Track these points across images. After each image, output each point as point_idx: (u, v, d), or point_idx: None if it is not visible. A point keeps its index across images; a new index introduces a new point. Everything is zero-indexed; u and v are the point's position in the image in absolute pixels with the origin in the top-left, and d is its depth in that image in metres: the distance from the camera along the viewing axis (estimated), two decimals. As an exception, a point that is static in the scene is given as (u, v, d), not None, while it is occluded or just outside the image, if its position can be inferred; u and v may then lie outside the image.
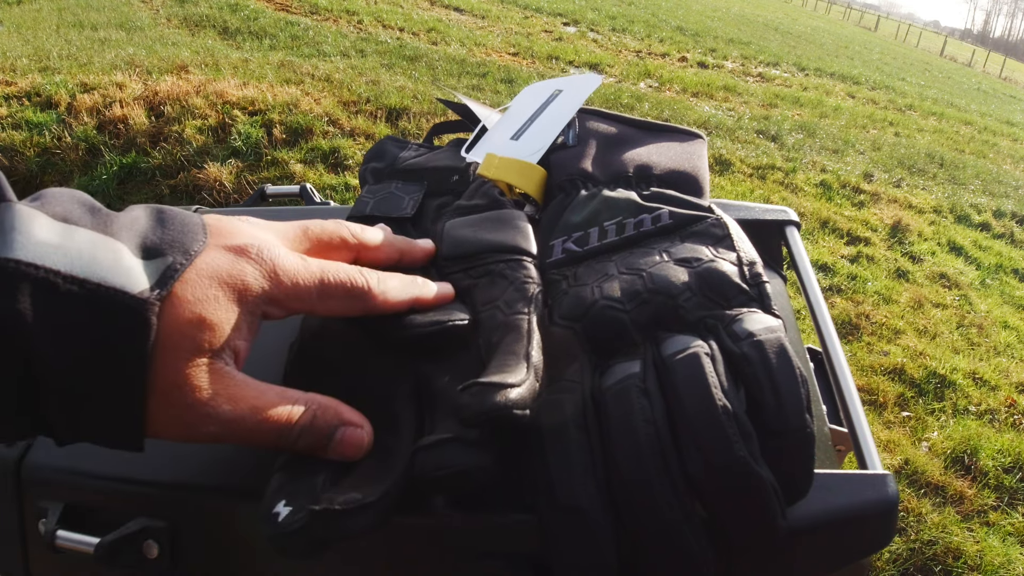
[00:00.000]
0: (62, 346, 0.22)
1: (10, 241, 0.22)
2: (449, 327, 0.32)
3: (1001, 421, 1.99)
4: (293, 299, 0.27)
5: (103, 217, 0.25)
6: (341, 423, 0.27)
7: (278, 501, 0.25)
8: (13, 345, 0.21)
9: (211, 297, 0.25)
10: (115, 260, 0.23)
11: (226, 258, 0.26)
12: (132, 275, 0.23)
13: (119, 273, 0.23)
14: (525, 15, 7.31)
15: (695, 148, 0.48)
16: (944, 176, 4.39)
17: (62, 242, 0.23)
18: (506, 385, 0.27)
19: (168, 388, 0.24)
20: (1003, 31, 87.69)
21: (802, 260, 0.50)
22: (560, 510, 0.27)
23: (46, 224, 0.23)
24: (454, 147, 0.54)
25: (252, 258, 0.26)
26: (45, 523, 0.32)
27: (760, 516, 0.26)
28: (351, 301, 0.29)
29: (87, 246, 0.23)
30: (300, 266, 0.27)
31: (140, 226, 0.25)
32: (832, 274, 2.67)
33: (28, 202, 0.24)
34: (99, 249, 0.23)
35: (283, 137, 2.83)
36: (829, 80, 7.36)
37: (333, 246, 0.31)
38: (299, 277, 0.27)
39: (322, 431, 0.27)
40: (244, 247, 0.26)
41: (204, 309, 0.24)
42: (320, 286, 0.28)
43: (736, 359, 0.29)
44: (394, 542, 0.31)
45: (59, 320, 0.22)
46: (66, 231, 0.23)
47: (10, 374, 0.22)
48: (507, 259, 0.36)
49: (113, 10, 4.80)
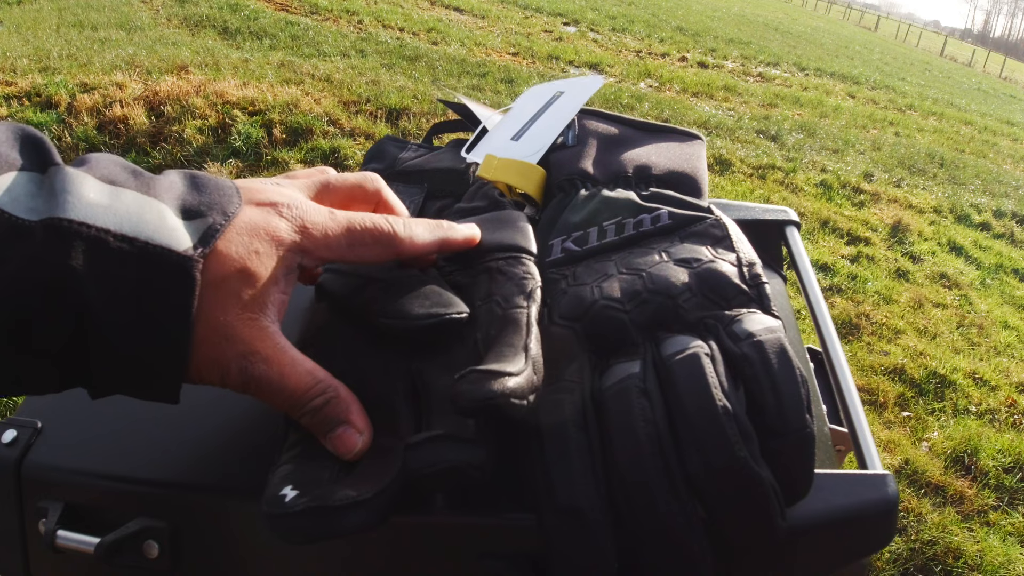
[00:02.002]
0: (112, 300, 0.23)
1: (63, 202, 0.23)
2: (447, 320, 0.32)
3: (1001, 421, 1.99)
4: (323, 248, 0.29)
5: (145, 180, 0.27)
6: (345, 422, 0.28)
7: (285, 486, 0.26)
8: (66, 300, 0.23)
9: (251, 251, 0.26)
10: (160, 220, 0.25)
11: (260, 214, 0.28)
12: (176, 234, 0.25)
13: (164, 232, 0.25)
14: (525, 15, 7.31)
15: (694, 149, 0.48)
16: (944, 176, 4.39)
17: (111, 203, 0.24)
18: (504, 373, 0.27)
19: (213, 340, 0.25)
20: (1003, 31, 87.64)
21: (802, 260, 0.50)
22: (560, 510, 0.27)
23: (95, 186, 0.25)
24: (454, 148, 0.54)
25: (283, 214, 0.28)
26: (45, 523, 0.32)
27: (760, 517, 0.26)
28: (379, 247, 0.31)
29: (134, 206, 0.25)
30: (328, 217, 0.29)
31: (178, 189, 0.27)
32: (832, 274, 2.67)
33: (75, 166, 0.25)
34: (145, 210, 0.25)
35: (283, 137, 2.83)
36: (829, 80, 7.36)
37: (355, 197, 0.33)
38: (327, 228, 0.29)
39: (326, 420, 0.28)
40: (275, 203, 0.28)
41: (247, 262, 0.26)
42: (348, 234, 0.29)
43: (736, 359, 0.29)
44: (394, 542, 0.31)
45: (110, 275, 0.23)
46: (113, 192, 0.25)
47: (62, 327, 0.23)
48: (506, 256, 0.36)
49: (113, 10, 4.80)
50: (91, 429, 0.36)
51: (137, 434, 0.35)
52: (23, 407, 0.37)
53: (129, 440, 0.35)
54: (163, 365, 0.25)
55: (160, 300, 0.24)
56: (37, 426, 0.35)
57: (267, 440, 0.32)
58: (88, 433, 0.35)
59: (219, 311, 0.25)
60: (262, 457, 0.31)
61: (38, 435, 0.35)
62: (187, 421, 0.35)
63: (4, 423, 0.36)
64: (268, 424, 0.34)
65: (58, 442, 0.35)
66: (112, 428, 0.35)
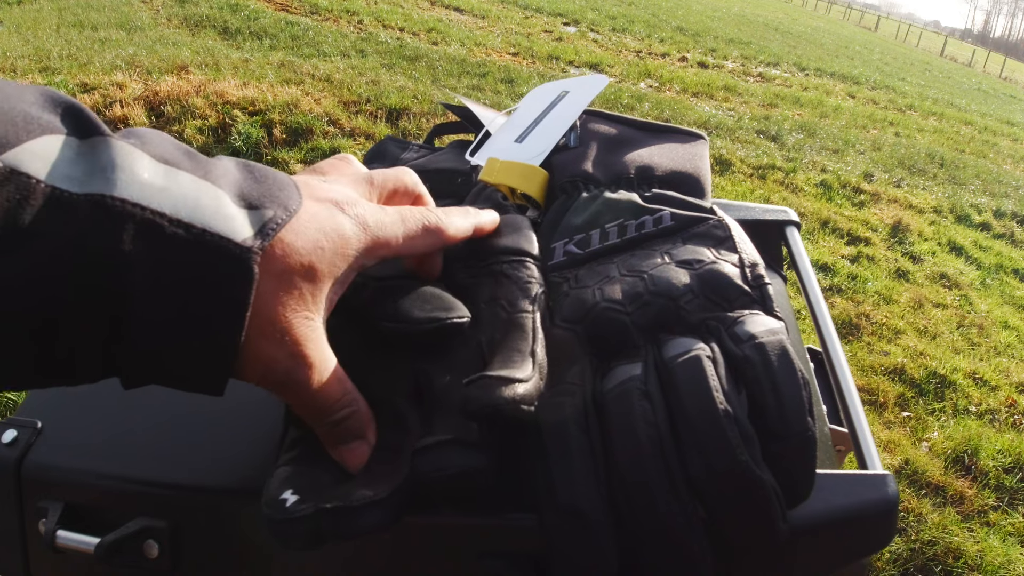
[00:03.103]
0: (164, 289, 0.22)
1: (114, 179, 0.21)
2: (449, 324, 0.32)
3: (1001, 421, 1.99)
4: (383, 247, 0.28)
5: (202, 163, 0.25)
6: (362, 438, 0.28)
7: (285, 490, 0.26)
8: (111, 285, 0.21)
9: (317, 247, 0.25)
10: (217, 207, 0.23)
11: (324, 210, 0.27)
12: (234, 223, 0.23)
13: (222, 220, 0.23)
14: (525, 15, 7.31)
15: (697, 149, 0.48)
16: (944, 176, 4.39)
17: (166, 184, 0.23)
18: (514, 380, 0.27)
19: (266, 336, 0.24)
20: (1003, 31, 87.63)
21: (802, 260, 0.50)
22: (561, 512, 0.27)
23: (149, 165, 0.23)
24: (455, 148, 0.54)
25: (347, 211, 0.27)
26: (45, 523, 0.32)
27: (761, 519, 0.26)
28: (429, 237, 0.31)
29: (191, 191, 0.23)
30: (383, 215, 0.29)
31: (234, 177, 0.25)
32: (832, 274, 2.67)
33: (124, 139, 0.24)
34: (202, 195, 0.23)
35: (283, 137, 2.83)
36: (829, 80, 7.36)
37: (397, 192, 0.33)
38: (385, 226, 0.29)
39: (344, 433, 0.28)
40: (336, 200, 0.27)
41: (312, 258, 0.25)
42: (403, 226, 0.29)
43: (738, 361, 0.29)
44: (395, 542, 0.31)
45: (163, 263, 0.22)
46: (169, 173, 0.23)
47: (103, 311, 0.22)
48: (510, 260, 0.36)
49: (113, 10, 4.79)
50: (91, 429, 0.35)
51: (137, 434, 0.35)
52: (23, 407, 0.37)
53: (129, 440, 0.35)
54: (209, 359, 0.24)
55: (214, 292, 0.23)
56: (37, 426, 0.35)
57: (267, 440, 0.32)
58: (88, 433, 0.35)
59: (279, 307, 0.24)
60: (262, 457, 0.31)
61: (38, 435, 0.35)
62: (187, 421, 0.35)
63: (4, 423, 0.35)
64: (268, 424, 0.34)
65: (58, 442, 0.35)
66: (112, 428, 0.35)
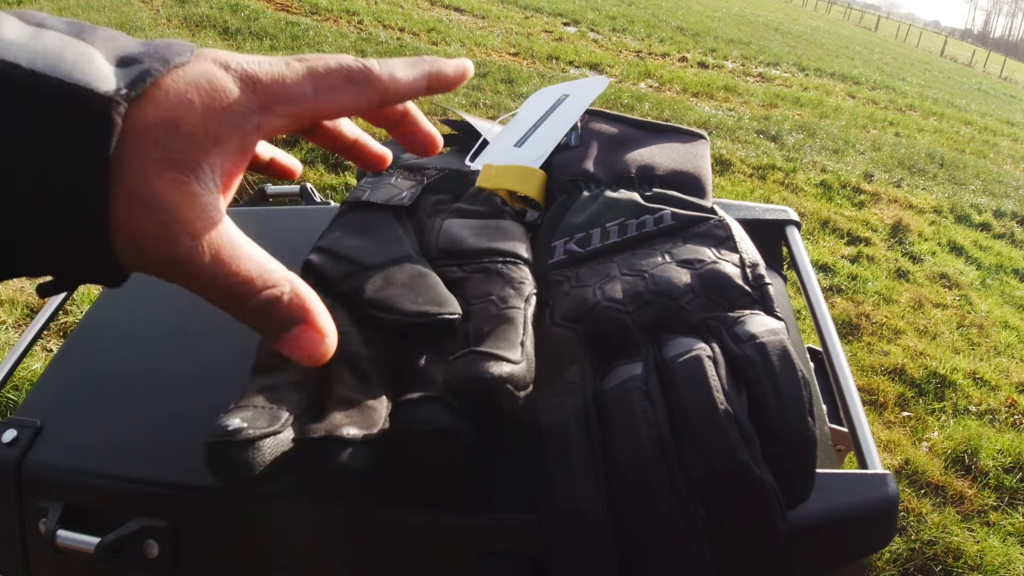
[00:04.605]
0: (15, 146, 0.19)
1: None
2: (438, 320, 0.31)
3: (1001, 421, 1.99)
4: (284, 100, 0.24)
5: (82, 27, 0.23)
6: (304, 322, 0.24)
7: (232, 419, 0.25)
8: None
9: (185, 102, 0.22)
10: (84, 61, 0.21)
11: (207, 67, 0.23)
12: (100, 76, 0.21)
13: (86, 73, 0.21)
14: (525, 15, 7.31)
15: (698, 149, 0.48)
16: (944, 176, 4.39)
17: (28, 42, 0.21)
18: (503, 358, 0.26)
19: (128, 203, 0.21)
20: (1003, 31, 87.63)
21: (802, 260, 0.50)
22: (561, 512, 0.27)
23: (16, 26, 0.21)
24: (456, 153, 0.54)
25: (233, 70, 0.24)
26: (45, 523, 0.32)
27: (761, 520, 0.26)
28: (356, 89, 0.26)
29: (54, 45, 0.21)
30: (283, 67, 0.25)
31: (122, 41, 0.23)
32: (832, 274, 2.67)
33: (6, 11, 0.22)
34: (67, 50, 0.21)
35: (283, 137, 2.83)
36: (829, 80, 7.36)
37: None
38: (283, 75, 0.24)
39: (277, 319, 0.23)
40: (226, 61, 0.24)
41: (176, 112, 0.22)
42: (311, 78, 0.25)
43: (738, 361, 0.29)
44: (395, 541, 0.31)
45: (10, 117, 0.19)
46: (36, 32, 0.21)
47: None
48: (504, 260, 0.36)
49: (113, 10, 4.79)
50: (91, 429, 0.35)
51: (137, 434, 0.35)
52: (23, 407, 0.37)
53: (129, 440, 0.35)
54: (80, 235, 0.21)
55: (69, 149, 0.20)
56: (37, 426, 0.35)
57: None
58: (88, 433, 0.35)
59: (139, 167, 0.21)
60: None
61: (38, 435, 0.35)
62: (187, 421, 0.35)
63: (4, 423, 0.35)
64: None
65: (58, 442, 0.35)
66: (112, 428, 0.35)
